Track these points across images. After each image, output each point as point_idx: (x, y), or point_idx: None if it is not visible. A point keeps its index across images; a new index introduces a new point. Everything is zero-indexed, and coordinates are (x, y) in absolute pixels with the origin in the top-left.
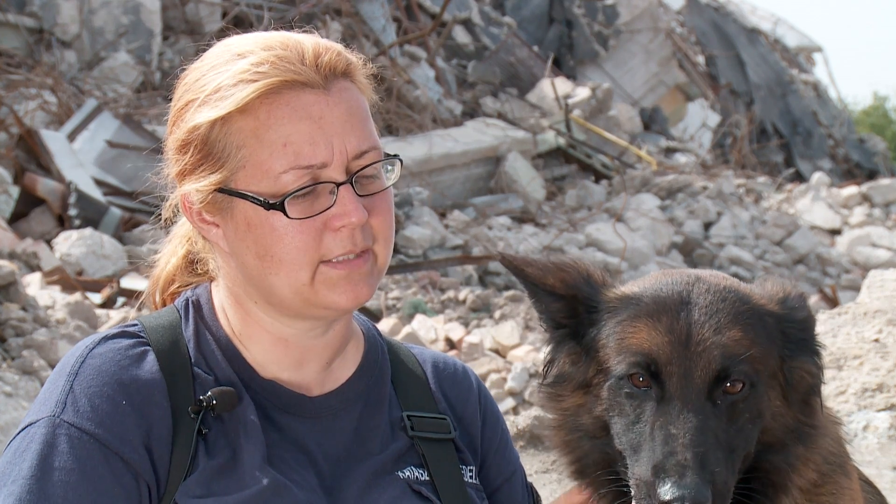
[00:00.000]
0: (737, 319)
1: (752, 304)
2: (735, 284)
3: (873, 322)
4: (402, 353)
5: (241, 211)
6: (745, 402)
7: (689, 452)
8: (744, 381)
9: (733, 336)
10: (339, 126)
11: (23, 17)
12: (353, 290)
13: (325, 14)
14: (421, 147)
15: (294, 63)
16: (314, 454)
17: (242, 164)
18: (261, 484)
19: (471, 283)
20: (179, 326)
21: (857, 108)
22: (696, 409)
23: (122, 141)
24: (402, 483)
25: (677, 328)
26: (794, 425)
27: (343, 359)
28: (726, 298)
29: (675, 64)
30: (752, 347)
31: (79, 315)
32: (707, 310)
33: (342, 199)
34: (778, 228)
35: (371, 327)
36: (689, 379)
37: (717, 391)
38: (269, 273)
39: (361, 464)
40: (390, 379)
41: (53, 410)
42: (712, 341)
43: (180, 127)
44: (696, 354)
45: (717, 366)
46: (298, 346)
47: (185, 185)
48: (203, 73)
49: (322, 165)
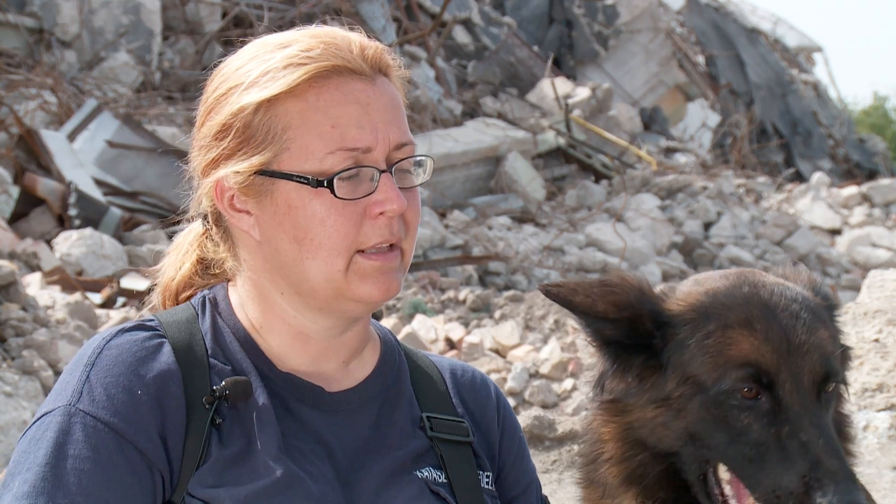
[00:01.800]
0: (818, 318)
1: (812, 300)
2: (782, 281)
3: (873, 322)
4: (420, 359)
5: (283, 193)
6: (834, 399)
7: (835, 459)
8: (837, 381)
9: (823, 336)
10: (383, 114)
11: (23, 17)
12: (385, 282)
13: (325, 14)
14: (421, 147)
15: (343, 51)
16: (332, 446)
17: (287, 146)
18: (274, 475)
19: (471, 283)
20: (196, 321)
21: (857, 108)
22: (817, 413)
23: (122, 141)
24: (421, 483)
25: (773, 334)
26: (837, 416)
27: (360, 360)
28: (796, 298)
29: (675, 64)
30: (836, 345)
31: (79, 315)
32: (788, 312)
33: (384, 185)
34: (778, 228)
35: (388, 332)
36: (800, 384)
37: (822, 392)
38: (305, 257)
39: (379, 458)
40: (410, 381)
41: (69, 399)
42: (810, 343)
43: (221, 112)
44: (801, 358)
45: (822, 368)
46: (318, 342)
47: (222, 170)
48: (244, 63)
49: (367, 150)
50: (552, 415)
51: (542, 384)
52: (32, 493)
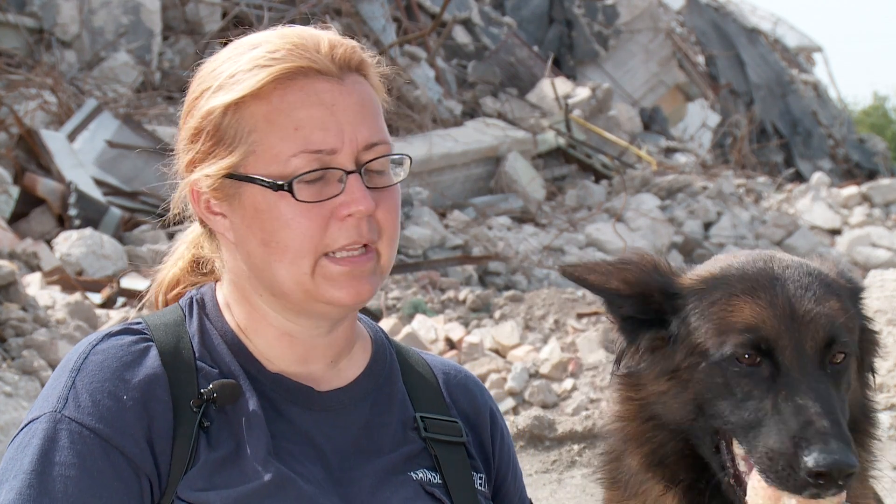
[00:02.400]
0: (830, 290)
1: (831, 277)
2: (806, 260)
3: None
4: (412, 358)
5: (250, 196)
6: (845, 373)
7: (826, 420)
8: (845, 351)
9: (833, 306)
10: (350, 115)
11: (23, 17)
12: (354, 286)
13: (325, 14)
14: (421, 147)
15: (310, 51)
16: (322, 447)
17: (253, 149)
18: (265, 477)
19: (471, 283)
20: (183, 323)
21: (857, 108)
22: (817, 378)
23: (122, 141)
24: (416, 484)
25: (779, 302)
26: (860, 400)
27: (350, 360)
28: (811, 272)
29: (675, 64)
30: (848, 317)
31: (79, 315)
32: (799, 283)
33: (350, 187)
34: (778, 228)
35: (378, 330)
36: (802, 350)
37: (826, 361)
38: (273, 260)
39: (372, 460)
40: (401, 380)
41: (55, 406)
42: (816, 311)
43: (194, 115)
44: (804, 325)
45: (826, 334)
46: (303, 343)
47: (196, 173)
48: (218, 64)
49: (332, 151)
50: (552, 415)
51: (542, 384)
52: (18, 501)
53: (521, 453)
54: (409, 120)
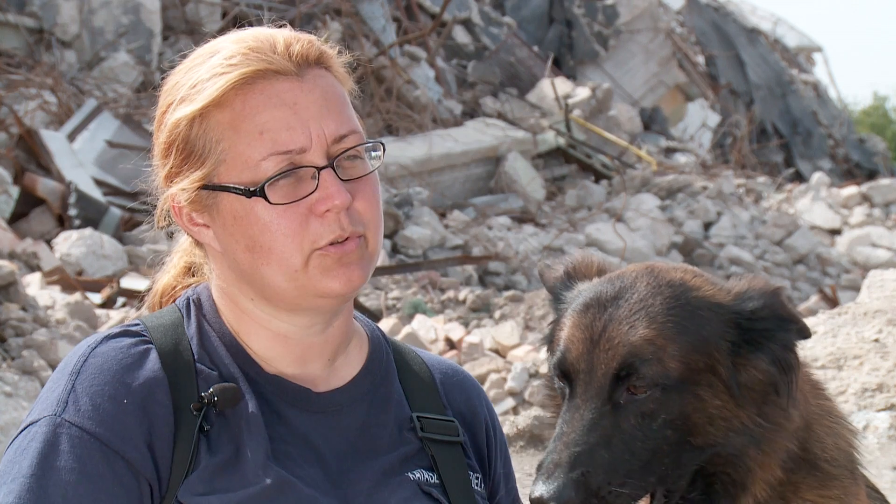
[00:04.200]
0: (657, 318)
1: (690, 298)
2: (683, 279)
3: (873, 322)
4: (409, 356)
5: (227, 205)
6: (658, 404)
7: (567, 451)
8: (649, 383)
9: (645, 335)
10: (314, 111)
11: (23, 17)
12: (345, 273)
13: (325, 14)
14: (421, 147)
15: (265, 53)
16: (320, 449)
17: (223, 158)
18: (265, 481)
19: (471, 283)
20: (182, 324)
21: (857, 108)
22: (592, 408)
23: (122, 141)
24: (413, 484)
25: (596, 325)
26: (741, 427)
27: (347, 358)
28: (662, 293)
29: (675, 64)
30: (666, 346)
31: (79, 315)
32: (634, 306)
33: (324, 182)
34: (778, 228)
35: (375, 328)
36: (592, 377)
37: (619, 391)
38: (260, 264)
39: (369, 461)
40: (397, 379)
41: (55, 409)
42: (620, 340)
43: (163, 130)
44: (603, 352)
45: (617, 364)
46: (298, 342)
47: (173, 188)
48: (181, 75)
49: (301, 150)
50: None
51: (543, 384)
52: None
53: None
54: (409, 120)
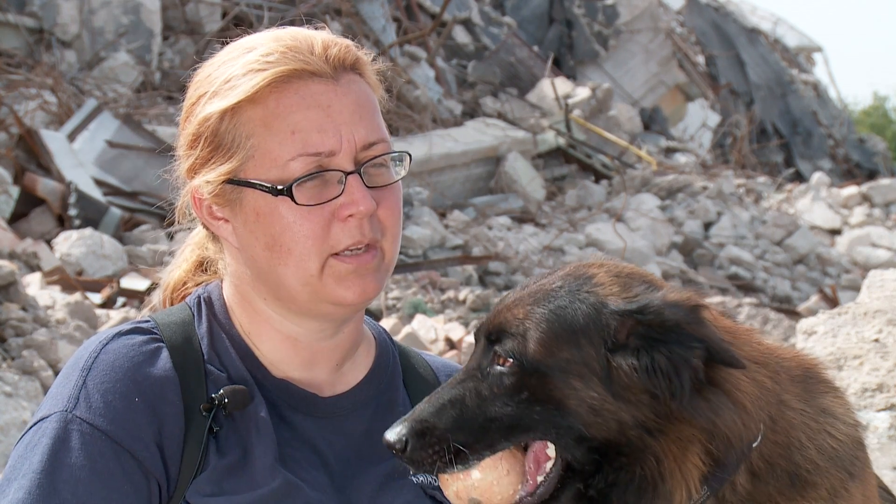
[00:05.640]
0: (537, 303)
1: (582, 294)
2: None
3: (873, 322)
4: (415, 360)
5: (251, 201)
6: (517, 380)
7: (424, 405)
8: (507, 354)
9: (517, 314)
10: (347, 115)
11: (23, 17)
12: (360, 284)
13: (325, 14)
14: (421, 147)
15: (303, 53)
16: (325, 454)
17: (252, 154)
18: (273, 483)
19: (471, 283)
20: (192, 323)
21: (857, 108)
22: (463, 372)
23: (122, 141)
24: (416, 488)
25: (502, 302)
26: (632, 421)
27: (354, 362)
28: (564, 285)
29: (675, 64)
30: (531, 328)
31: (79, 315)
32: (532, 291)
33: (350, 187)
34: (778, 228)
35: (382, 332)
36: (475, 347)
37: (487, 359)
38: (278, 264)
39: (373, 465)
40: (402, 383)
41: (66, 405)
42: (494, 314)
43: (191, 122)
44: (488, 322)
45: (486, 330)
46: (308, 346)
47: (196, 179)
48: (214, 69)
49: (330, 154)
50: None
51: None
52: (28, 500)
53: None
54: (409, 120)
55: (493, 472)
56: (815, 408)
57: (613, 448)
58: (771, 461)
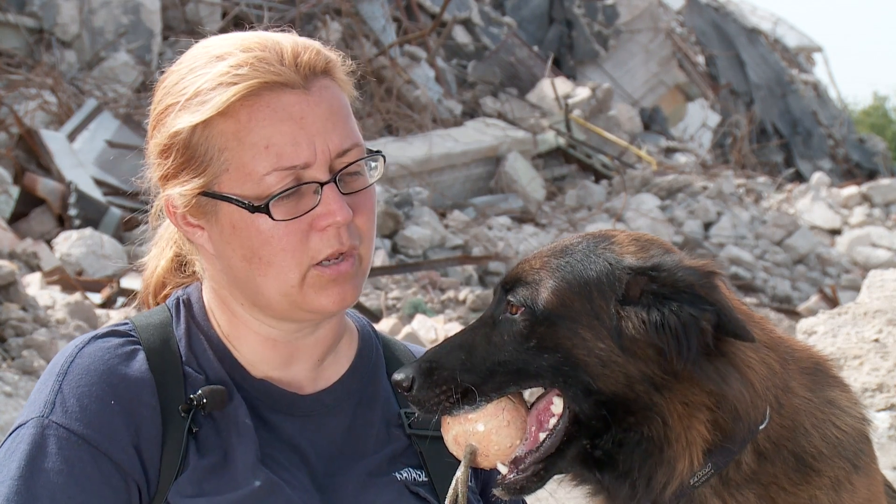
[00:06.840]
0: (554, 256)
1: (598, 250)
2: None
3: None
4: (399, 351)
5: (226, 214)
6: (527, 327)
7: (435, 348)
8: (519, 302)
9: (533, 265)
10: (320, 125)
11: (23, 17)
12: (339, 292)
13: (325, 14)
14: (421, 147)
15: (273, 64)
16: (306, 453)
17: (225, 168)
18: (254, 484)
19: (471, 283)
20: (170, 325)
21: (857, 108)
22: (478, 320)
23: (122, 141)
24: (400, 485)
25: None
26: (639, 375)
27: (335, 356)
28: (583, 243)
29: (675, 64)
30: (546, 278)
31: (79, 315)
32: (553, 248)
33: (327, 198)
34: (778, 228)
35: (366, 324)
36: (494, 295)
37: (500, 309)
38: (257, 275)
39: (355, 463)
40: (386, 375)
41: (42, 411)
42: (515, 266)
43: (161, 132)
44: (503, 277)
45: (501, 283)
46: (287, 345)
47: (169, 189)
48: (182, 76)
49: (305, 166)
50: None
51: None
52: None
53: None
54: (409, 120)
55: (493, 420)
56: (822, 398)
57: (622, 405)
58: (777, 443)
